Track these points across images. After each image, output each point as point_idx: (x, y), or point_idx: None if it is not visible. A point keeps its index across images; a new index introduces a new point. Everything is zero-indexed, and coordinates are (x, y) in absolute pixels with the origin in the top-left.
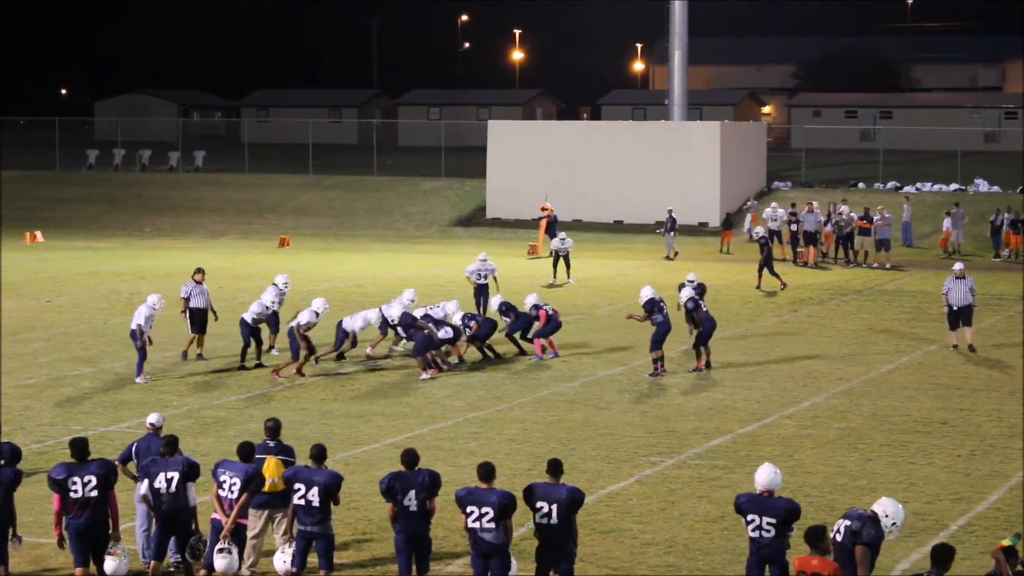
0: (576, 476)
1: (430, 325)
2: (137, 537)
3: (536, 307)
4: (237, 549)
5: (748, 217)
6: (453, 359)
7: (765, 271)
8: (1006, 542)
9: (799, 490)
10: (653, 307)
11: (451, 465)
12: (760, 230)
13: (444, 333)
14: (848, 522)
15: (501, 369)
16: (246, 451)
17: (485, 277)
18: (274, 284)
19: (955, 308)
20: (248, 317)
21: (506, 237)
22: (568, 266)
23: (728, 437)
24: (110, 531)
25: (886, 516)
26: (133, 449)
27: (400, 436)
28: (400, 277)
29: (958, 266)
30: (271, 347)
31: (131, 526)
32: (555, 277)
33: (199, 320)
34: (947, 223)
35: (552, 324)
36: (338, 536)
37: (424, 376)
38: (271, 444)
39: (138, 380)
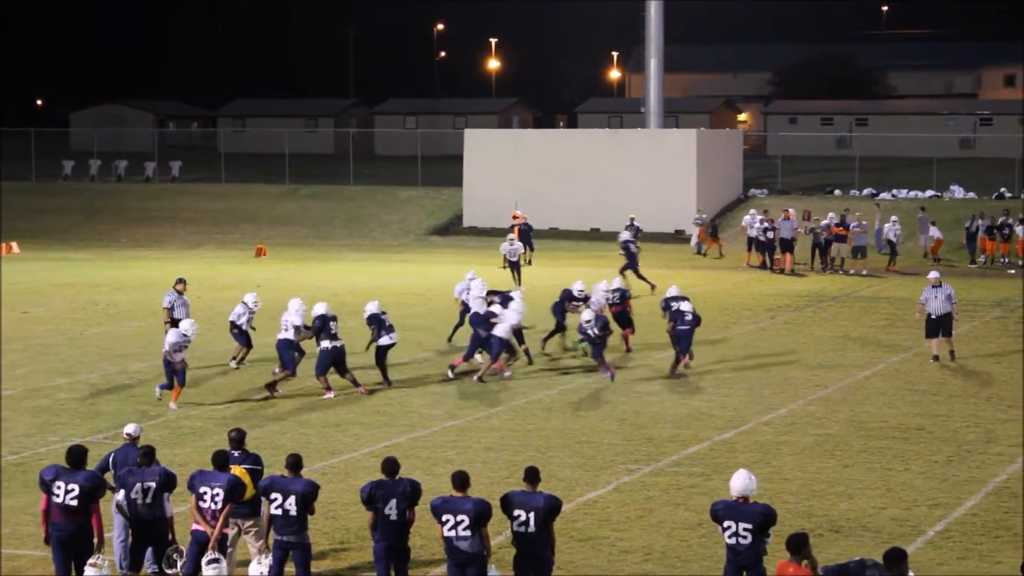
0: (554, 484)
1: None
2: (115, 547)
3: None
4: (225, 559)
5: (696, 231)
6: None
7: (632, 274)
8: None
9: (777, 496)
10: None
11: (429, 474)
12: (627, 235)
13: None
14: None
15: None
16: (222, 460)
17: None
18: (243, 302)
19: (934, 317)
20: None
21: (482, 246)
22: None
23: (705, 444)
24: (94, 541)
25: None
26: (110, 459)
27: (378, 445)
28: (378, 286)
29: (933, 275)
30: (241, 359)
31: (110, 536)
32: (518, 284)
33: None
34: (934, 230)
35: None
36: (316, 545)
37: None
38: (236, 454)
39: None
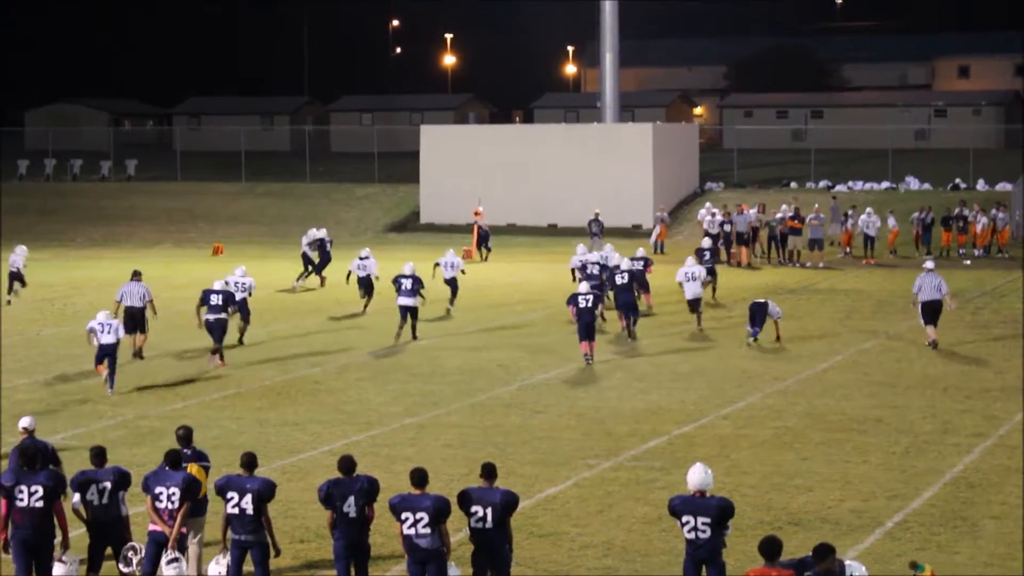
0: (513, 480)
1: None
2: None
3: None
4: (184, 558)
5: (657, 229)
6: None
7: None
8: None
9: (736, 490)
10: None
11: (388, 472)
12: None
13: None
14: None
15: (437, 374)
16: (176, 458)
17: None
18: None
19: (925, 304)
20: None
21: (440, 242)
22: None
23: (664, 438)
24: (58, 540)
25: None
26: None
27: (337, 443)
28: (335, 284)
29: (928, 263)
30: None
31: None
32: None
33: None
34: (891, 221)
35: None
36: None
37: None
38: (187, 452)
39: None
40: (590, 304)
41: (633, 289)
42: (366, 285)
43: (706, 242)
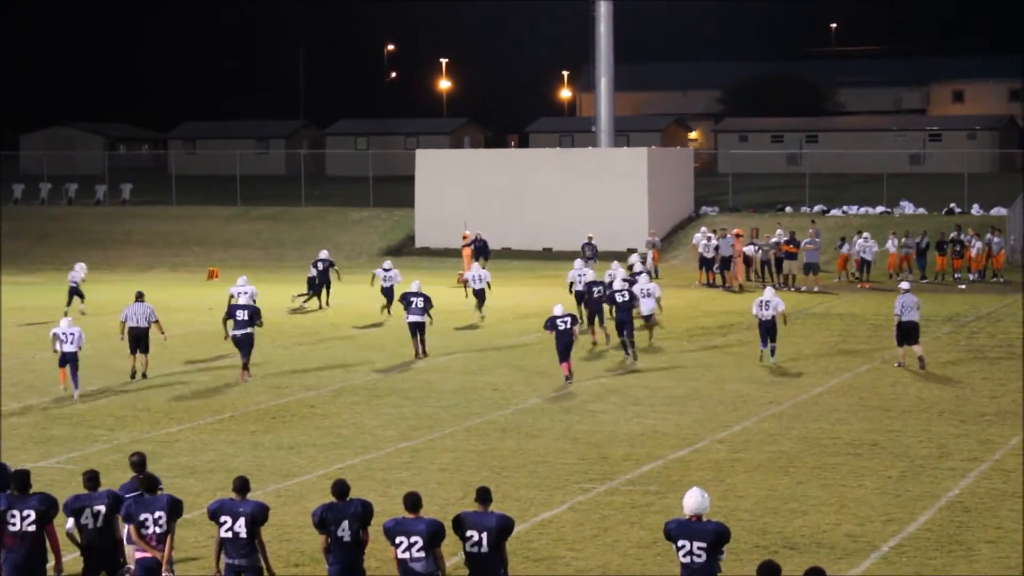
0: (508, 504)
1: None
2: None
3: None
4: None
5: (650, 254)
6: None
7: None
8: None
9: (731, 514)
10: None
11: (383, 496)
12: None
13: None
14: None
15: (432, 398)
16: (153, 483)
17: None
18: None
19: (903, 325)
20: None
21: (435, 266)
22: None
23: (660, 462)
24: (50, 564)
25: None
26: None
27: (332, 467)
28: (332, 308)
29: (904, 284)
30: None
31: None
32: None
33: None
34: (890, 244)
35: None
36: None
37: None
38: (141, 478)
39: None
40: (568, 326)
41: (631, 308)
42: (389, 296)
43: (635, 258)
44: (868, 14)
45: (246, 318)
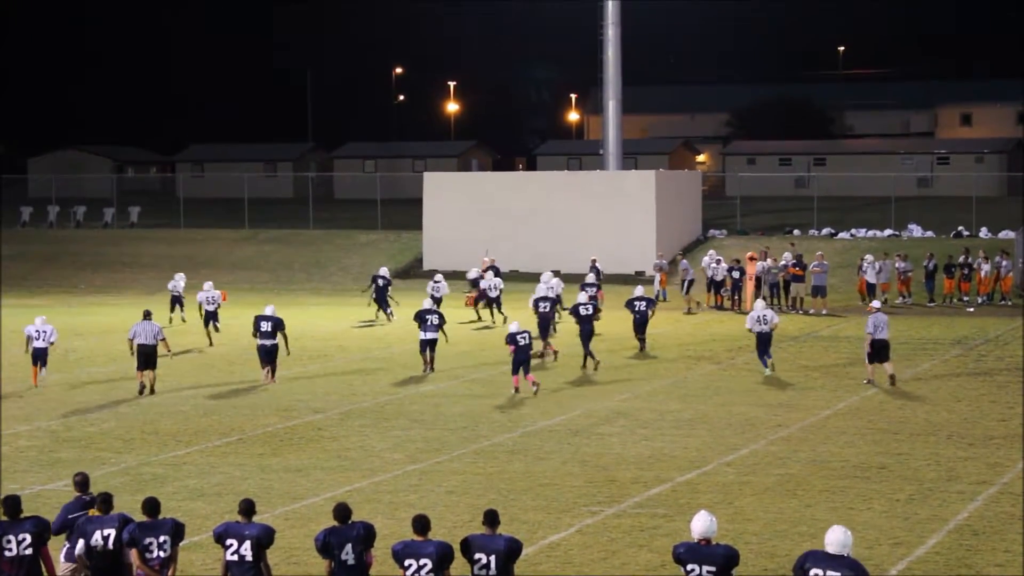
0: (516, 527)
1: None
2: None
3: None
4: None
5: (657, 277)
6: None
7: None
8: None
9: (739, 537)
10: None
11: (391, 518)
12: (591, 277)
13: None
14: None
15: (439, 420)
16: (153, 506)
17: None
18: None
19: (876, 343)
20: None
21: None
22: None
23: (668, 485)
24: None
25: None
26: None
27: (339, 490)
28: (339, 331)
29: (875, 303)
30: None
31: None
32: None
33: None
34: (902, 265)
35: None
36: None
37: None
38: (87, 498)
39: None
40: (528, 342)
41: (592, 321)
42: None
43: (590, 278)
44: (876, 37)
45: (269, 329)
